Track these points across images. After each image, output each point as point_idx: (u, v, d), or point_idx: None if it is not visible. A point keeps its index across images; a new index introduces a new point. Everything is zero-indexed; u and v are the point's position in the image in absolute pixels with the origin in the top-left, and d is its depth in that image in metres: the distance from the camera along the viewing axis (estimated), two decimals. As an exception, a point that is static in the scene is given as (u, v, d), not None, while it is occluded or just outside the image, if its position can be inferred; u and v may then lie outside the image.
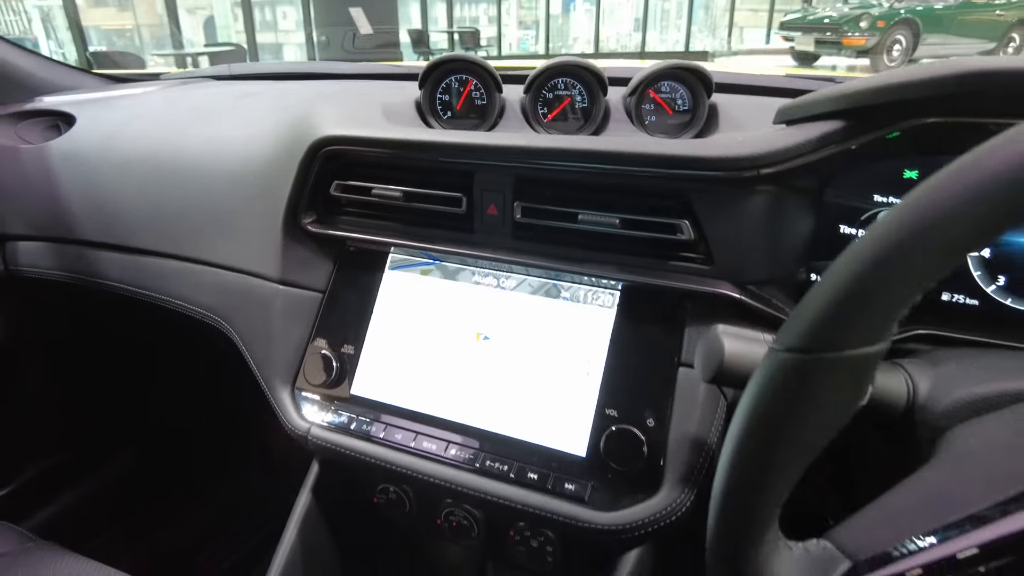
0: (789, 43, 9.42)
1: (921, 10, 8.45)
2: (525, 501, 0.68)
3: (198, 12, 8.84)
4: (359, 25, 6.62)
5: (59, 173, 1.06)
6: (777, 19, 11.03)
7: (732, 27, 11.97)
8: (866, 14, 8.48)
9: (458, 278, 0.79)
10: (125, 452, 1.48)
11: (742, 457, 0.37)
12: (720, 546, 0.40)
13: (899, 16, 8.39)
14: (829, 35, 8.67)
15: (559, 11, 11.75)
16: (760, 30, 12.20)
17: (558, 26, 11.65)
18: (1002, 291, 0.66)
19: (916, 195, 0.32)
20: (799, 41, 9.19)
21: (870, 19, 8.42)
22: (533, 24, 11.81)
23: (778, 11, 11.71)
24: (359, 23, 6.62)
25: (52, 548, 0.96)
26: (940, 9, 8.51)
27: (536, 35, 11.67)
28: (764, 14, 12.23)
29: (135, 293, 1.01)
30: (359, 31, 6.55)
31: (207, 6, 8.82)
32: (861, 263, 0.33)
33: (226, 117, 1.03)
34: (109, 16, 8.70)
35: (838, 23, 8.62)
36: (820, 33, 8.81)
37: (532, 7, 11.79)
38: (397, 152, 0.76)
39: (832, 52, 8.72)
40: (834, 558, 0.38)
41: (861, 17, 8.48)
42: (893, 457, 0.58)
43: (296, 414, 0.80)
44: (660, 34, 11.90)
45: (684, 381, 0.68)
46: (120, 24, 8.83)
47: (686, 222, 0.67)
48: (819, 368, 0.34)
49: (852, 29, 8.46)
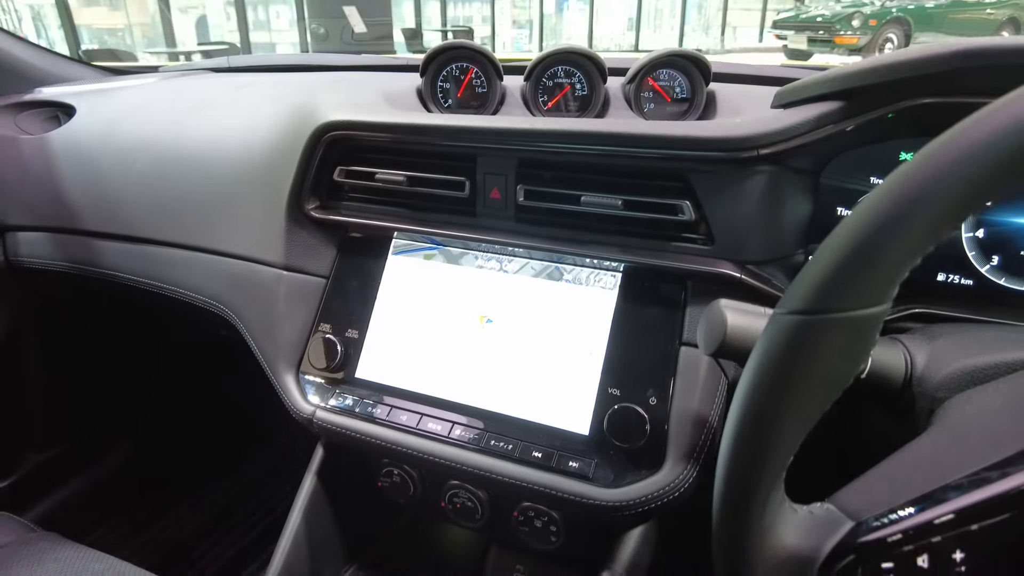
0: (782, 41, 9.45)
1: (912, 8, 8.49)
2: (529, 479, 0.69)
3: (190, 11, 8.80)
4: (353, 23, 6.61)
5: (60, 163, 1.06)
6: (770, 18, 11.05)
7: (725, 26, 12.01)
8: (858, 12, 8.52)
9: (461, 262, 0.80)
10: (126, 442, 1.48)
11: (748, 420, 0.38)
12: (727, 509, 0.41)
13: (891, 15, 8.43)
14: (822, 33, 8.70)
15: (553, 10, 11.75)
16: (753, 29, 12.23)
17: (552, 25, 11.64)
18: (996, 270, 0.67)
19: (917, 159, 0.33)
20: (792, 40, 9.22)
21: (862, 18, 8.46)
22: (527, 23, 11.82)
23: (771, 10, 11.74)
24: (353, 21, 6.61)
25: (54, 539, 0.96)
26: (931, 8, 8.55)
27: (530, 34, 11.67)
28: (757, 13, 12.26)
29: (137, 282, 1.02)
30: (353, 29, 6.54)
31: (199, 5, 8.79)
32: (864, 225, 0.33)
33: (227, 106, 1.04)
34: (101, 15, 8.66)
35: (830, 22, 8.66)
36: (813, 32, 8.84)
37: (526, 6, 11.80)
38: (401, 136, 0.77)
39: (825, 50, 8.75)
40: (837, 519, 0.39)
41: (853, 16, 8.52)
42: (893, 434, 0.60)
43: (301, 398, 0.81)
44: (653, 33, 11.92)
45: (685, 360, 0.69)
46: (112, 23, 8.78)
47: (687, 203, 0.68)
48: (823, 328, 0.35)
49: (844, 27, 8.50)
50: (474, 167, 0.77)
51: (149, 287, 1.00)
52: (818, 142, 0.65)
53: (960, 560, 0.35)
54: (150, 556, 1.35)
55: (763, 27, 11.87)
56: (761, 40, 11.79)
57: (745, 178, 0.66)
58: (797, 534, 0.40)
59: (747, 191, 0.66)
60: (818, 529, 0.39)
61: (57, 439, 1.37)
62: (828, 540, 0.38)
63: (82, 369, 1.39)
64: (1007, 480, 0.36)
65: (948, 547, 0.35)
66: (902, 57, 0.57)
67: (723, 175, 0.67)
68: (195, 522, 1.45)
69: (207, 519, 1.46)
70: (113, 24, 8.83)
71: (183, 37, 7.53)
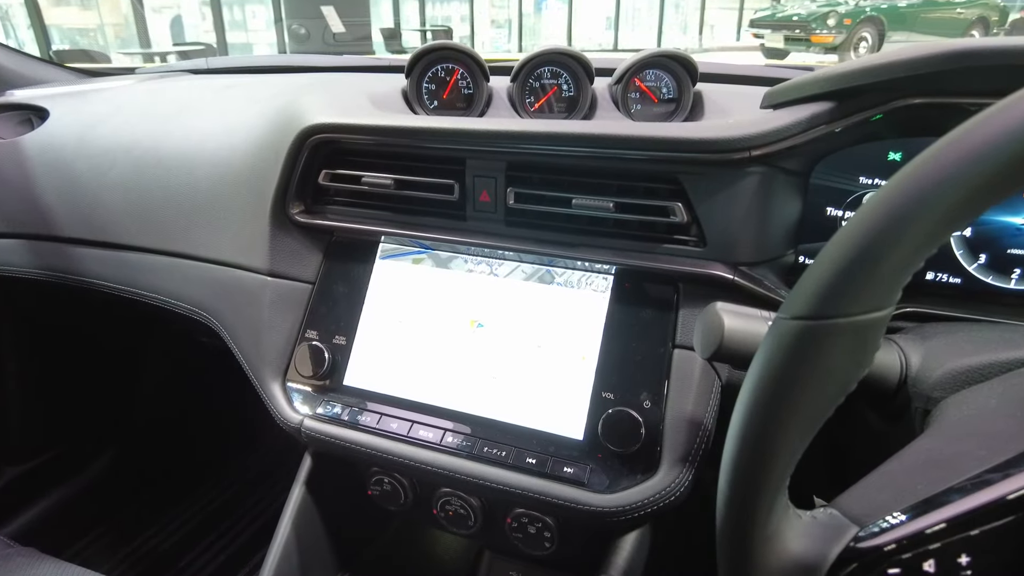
0: (759, 40, 9.55)
1: (886, 8, 8.63)
2: (523, 486, 0.68)
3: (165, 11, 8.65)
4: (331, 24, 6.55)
5: (33, 168, 1.03)
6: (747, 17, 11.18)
7: (703, 25, 12.11)
8: (833, 12, 8.64)
9: (451, 266, 0.79)
10: (108, 453, 1.45)
11: (752, 426, 0.38)
12: (731, 515, 0.40)
13: (865, 14, 8.56)
14: (798, 32, 8.81)
15: (532, 10, 11.74)
16: (731, 28, 12.34)
17: (530, 24, 11.63)
18: (983, 269, 0.67)
19: (921, 160, 0.32)
20: (769, 38, 9.32)
21: (837, 17, 8.58)
22: (506, 23, 11.79)
23: (748, 9, 11.86)
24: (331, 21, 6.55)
25: (30, 554, 0.94)
26: (904, 7, 8.69)
27: (508, 34, 11.65)
28: (734, 12, 12.38)
29: (116, 290, 0.99)
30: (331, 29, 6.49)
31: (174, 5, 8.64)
32: (867, 229, 0.33)
33: (208, 109, 1.01)
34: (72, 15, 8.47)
35: (806, 20, 8.77)
36: (789, 30, 8.94)
37: (504, 6, 11.77)
38: (387, 139, 0.76)
39: (801, 49, 8.85)
40: (841, 525, 0.39)
41: (828, 15, 8.63)
42: (887, 437, 0.60)
43: (288, 407, 0.79)
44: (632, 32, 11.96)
45: (679, 362, 0.68)
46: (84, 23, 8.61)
47: (679, 204, 0.68)
48: (828, 334, 0.34)
49: (820, 26, 8.61)
50: (463, 170, 0.76)
51: (129, 295, 0.98)
52: (809, 143, 0.65)
53: (966, 564, 0.35)
54: (134, 568, 1.32)
55: (740, 26, 11.98)
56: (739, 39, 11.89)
57: (737, 179, 0.66)
58: (802, 540, 0.39)
59: (739, 193, 0.66)
60: (823, 535, 0.39)
61: (35, 451, 1.33)
62: (833, 546, 0.38)
63: (61, 379, 1.35)
64: (1009, 482, 0.35)
65: (954, 551, 0.35)
66: (897, 57, 0.57)
67: (715, 177, 0.67)
68: (181, 532, 1.42)
69: (193, 528, 1.43)
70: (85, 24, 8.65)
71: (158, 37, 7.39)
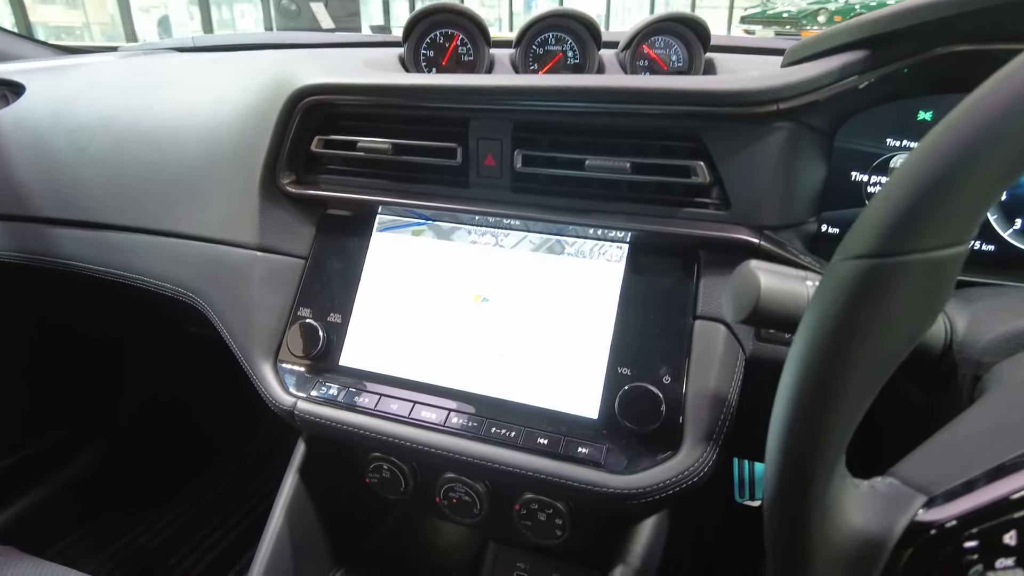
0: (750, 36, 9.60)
1: (875, 6, 8.67)
2: (535, 467, 0.63)
3: (152, 11, 8.56)
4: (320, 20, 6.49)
5: (7, 145, 0.97)
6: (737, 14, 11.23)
7: (693, 22, 12.16)
8: (823, 9, 8.69)
9: (453, 237, 0.74)
10: (93, 447, 1.39)
11: (808, 384, 0.33)
12: (784, 486, 0.36)
13: (854, 11, 8.60)
14: (788, 28, 8.87)
15: (521, 8, 11.72)
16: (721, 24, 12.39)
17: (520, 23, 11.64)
18: (1018, 235, 0.65)
19: (1009, 70, 0.28)
20: (759, 34, 9.37)
21: (827, 14, 8.63)
22: (496, 21, 11.77)
23: (737, 7, 11.92)
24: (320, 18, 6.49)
25: (8, 552, 0.89)
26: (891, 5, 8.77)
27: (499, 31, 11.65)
28: (724, 10, 12.44)
29: (96, 272, 0.93)
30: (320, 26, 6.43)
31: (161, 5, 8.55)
32: (949, 146, 0.28)
33: (193, 83, 0.96)
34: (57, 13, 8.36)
35: (796, 17, 8.83)
36: (779, 26, 9.01)
37: (495, 5, 11.74)
38: (384, 100, 0.71)
39: (791, 45, 8.91)
40: (905, 495, 0.34)
41: (819, 12, 8.69)
42: (929, 408, 0.56)
43: (280, 389, 0.74)
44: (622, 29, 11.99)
45: (701, 334, 0.64)
46: (69, 21, 8.49)
47: (701, 164, 0.63)
48: (894, 274, 0.29)
49: (810, 23, 8.67)
50: (466, 132, 0.70)
51: (110, 277, 0.92)
52: (837, 97, 0.61)
53: None
54: (121, 567, 1.26)
55: (731, 22, 12.04)
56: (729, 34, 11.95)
57: (762, 136, 0.61)
58: (864, 512, 0.35)
59: (765, 150, 0.62)
60: (887, 506, 0.35)
61: (16, 446, 1.27)
62: (900, 518, 0.34)
63: (42, 370, 1.29)
64: None
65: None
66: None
67: (739, 133, 0.62)
68: (169, 529, 1.36)
69: (183, 524, 1.38)
70: (70, 22, 8.53)
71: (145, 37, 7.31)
